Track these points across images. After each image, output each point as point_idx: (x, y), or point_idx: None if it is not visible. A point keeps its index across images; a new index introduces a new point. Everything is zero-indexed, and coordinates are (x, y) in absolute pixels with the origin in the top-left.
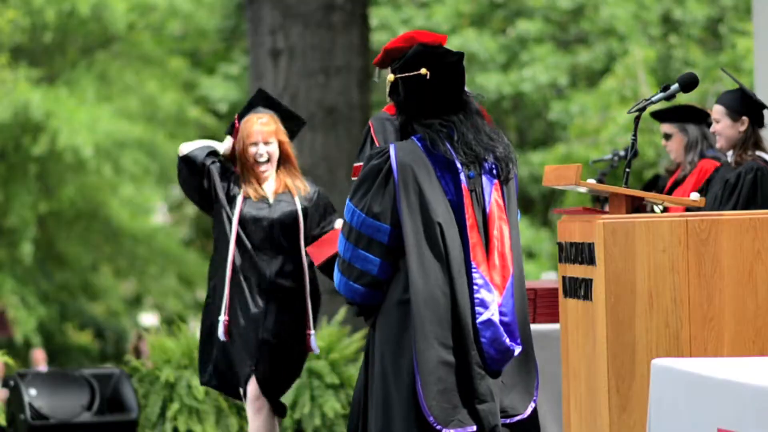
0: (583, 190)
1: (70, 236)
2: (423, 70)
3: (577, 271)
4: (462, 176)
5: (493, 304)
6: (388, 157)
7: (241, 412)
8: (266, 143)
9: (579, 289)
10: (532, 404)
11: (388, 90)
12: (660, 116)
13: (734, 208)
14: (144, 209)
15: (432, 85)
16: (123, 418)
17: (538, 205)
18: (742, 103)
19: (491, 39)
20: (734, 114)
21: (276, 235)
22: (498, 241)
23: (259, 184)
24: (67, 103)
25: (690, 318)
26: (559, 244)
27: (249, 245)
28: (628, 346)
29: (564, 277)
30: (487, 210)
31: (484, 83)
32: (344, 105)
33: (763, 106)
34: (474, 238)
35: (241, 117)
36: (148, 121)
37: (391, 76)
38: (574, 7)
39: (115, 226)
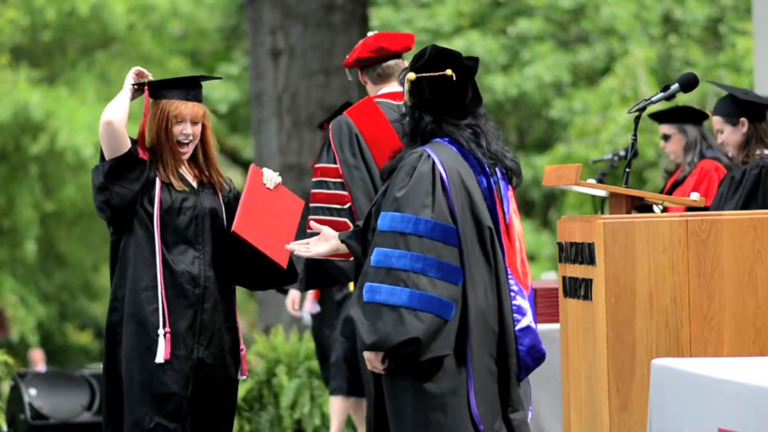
0: (583, 190)
1: (70, 236)
2: (449, 72)
3: (577, 271)
4: (492, 180)
5: (528, 310)
6: (433, 161)
7: (240, 412)
8: (194, 123)
9: (579, 289)
10: (530, 413)
11: (408, 89)
12: (658, 117)
13: (737, 204)
14: None
15: (457, 87)
16: None
17: (538, 205)
18: (736, 107)
19: (492, 39)
20: (732, 119)
21: (203, 229)
22: (518, 250)
23: (178, 168)
24: (67, 103)
25: (690, 318)
26: (559, 244)
27: (164, 241)
28: (628, 346)
29: (564, 277)
30: (507, 216)
31: (491, 85)
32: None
33: (755, 102)
34: (506, 243)
35: (156, 88)
36: None
37: (412, 75)
38: (575, 7)
39: None
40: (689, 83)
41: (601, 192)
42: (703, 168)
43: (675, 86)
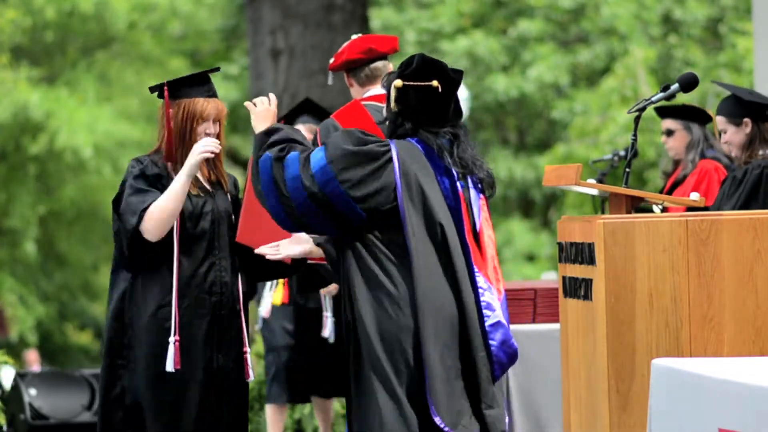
0: (583, 190)
1: (70, 236)
2: (434, 83)
3: (577, 271)
4: (458, 183)
5: (498, 308)
6: (390, 149)
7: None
8: (215, 122)
9: (579, 289)
10: (507, 419)
11: (394, 95)
12: (665, 112)
13: (736, 204)
14: None
15: (441, 98)
16: None
17: (538, 206)
18: (740, 107)
19: (494, 39)
20: (736, 119)
21: (219, 233)
22: (489, 257)
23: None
24: (67, 104)
25: (690, 318)
26: (559, 244)
27: (181, 250)
28: (628, 346)
29: (564, 277)
30: (477, 224)
31: (492, 85)
32: (344, 105)
33: (760, 103)
34: (471, 242)
35: (176, 86)
36: (148, 122)
37: (399, 82)
38: (575, 7)
39: None
40: (689, 83)
41: (599, 192)
42: (702, 168)
43: (675, 86)
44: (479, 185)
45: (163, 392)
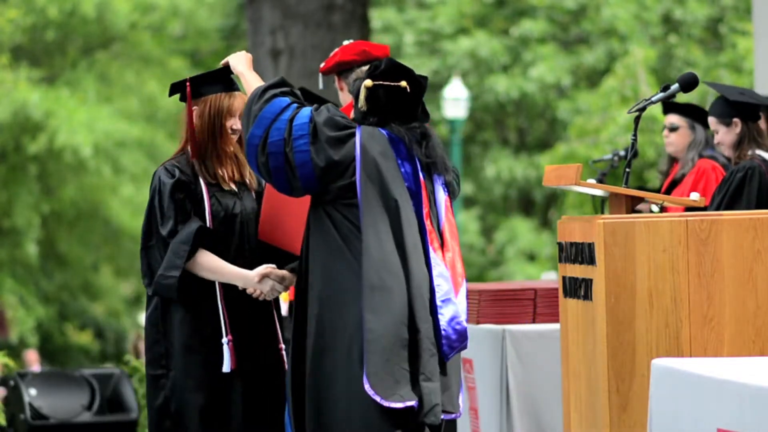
0: (583, 190)
1: (70, 236)
2: (403, 83)
3: (577, 271)
4: (420, 171)
5: (450, 289)
6: (355, 128)
7: None
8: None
9: (579, 289)
10: (461, 408)
11: (364, 95)
12: (671, 107)
13: (719, 205)
14: (144, 209)
15: (410, 98)
16: (123, 418)
17: (538, 205)
18: (728, 107)
19: (496, 40)
20: (726, 119)
21: (246, 235)
22: (450, 250)
23: (222, 167)
24: (67, 103)
25: (690, 318)
26: (559, 244)
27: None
28: (628, 346)
29: (564, 277)
30: (441, 218)
31: (492, 85)
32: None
33: (748, 103)
34: (429, 226)
35: (199, 83)
36: (148, 122)
37: (369, 82)
38: (576, 8)
39: (115, 227)
40: (689, 83)
41: (600, 192)
42: (700, 168)
43: (675, 86)
44: (445, 186)
45: (207, 395)
